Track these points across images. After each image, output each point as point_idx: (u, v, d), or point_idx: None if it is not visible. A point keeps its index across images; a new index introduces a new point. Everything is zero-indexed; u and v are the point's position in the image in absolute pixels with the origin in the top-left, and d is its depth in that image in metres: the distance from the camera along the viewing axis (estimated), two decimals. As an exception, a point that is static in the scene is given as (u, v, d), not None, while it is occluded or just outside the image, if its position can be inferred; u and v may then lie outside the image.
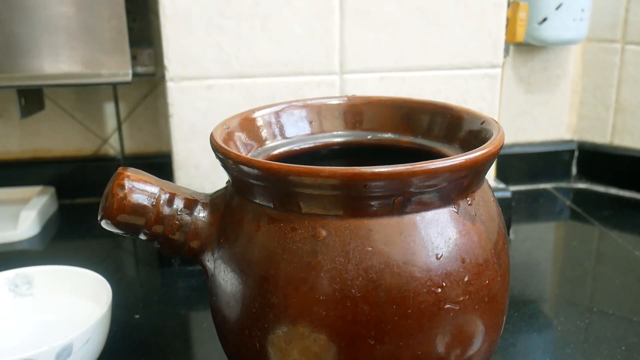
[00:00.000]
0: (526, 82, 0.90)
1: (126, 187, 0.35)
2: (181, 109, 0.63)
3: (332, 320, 0.31)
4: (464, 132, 0.42)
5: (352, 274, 0.31)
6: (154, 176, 0.37)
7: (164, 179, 0.38)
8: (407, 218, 0.32)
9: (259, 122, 0.44)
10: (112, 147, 0.90)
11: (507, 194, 0.74)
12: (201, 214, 0.37)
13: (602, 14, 0.87)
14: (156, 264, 0.69)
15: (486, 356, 0.36)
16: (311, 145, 0.46)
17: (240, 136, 0.42)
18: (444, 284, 0.32)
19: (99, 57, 0.65)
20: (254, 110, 0.44)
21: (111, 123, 0.89)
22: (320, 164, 0.40)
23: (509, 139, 0.92)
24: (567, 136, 0.94)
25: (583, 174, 0.94)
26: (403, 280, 0.31)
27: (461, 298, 0.32)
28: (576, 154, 0.94)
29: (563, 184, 0.94)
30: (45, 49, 0.64)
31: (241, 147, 0.42)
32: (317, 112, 0.47)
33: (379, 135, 0.47)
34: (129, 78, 0.66)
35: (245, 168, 0.33)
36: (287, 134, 0.46)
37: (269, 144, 0.44)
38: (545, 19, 0.80)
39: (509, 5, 0.74)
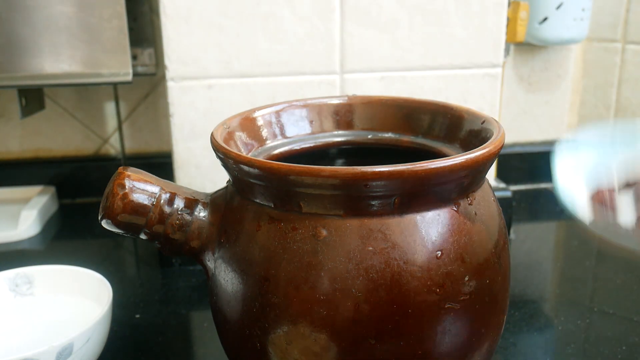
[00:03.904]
0: (527, 81, 0.90)
1: (127, 187, 0.35)
2: (182, 108, 0.63)
3: (332, 320, 0.31)
4: (465, 132, 0.42)
5: (352, 273, 0.31)
6: (154, 176, 0.37)
7: (164, 178, 0.38)
8: (408, 218, 0.32)
9: (260, 122, 0.44)
10: (113, 147, 0.90)
11: (508, 194, 0.74)
12: (202, 213, 0.37)
13: (603, 13, 0.87)
14: (157, 264, 0.69)
15: (487, 356, 0.36)
16: (312, 144, 0.46)
17: (240, 136, 0.42)
18: (445, 284, 0.32)
19: (99, 57, 0.65)
20: (254, 110, 0.44)
21: (112, 123, 0.89)
22: (320, 164, 0.40)
23: (509, 138, 0.92)
24: (567, 136, 0.94)
25: (584, 174, 0.94)
26: (404, 280, 0.31)
27: (462, 298, 0.32)
28: (577, 153, 0.94)
29: (564, 184, 0.93)
30: (45, 48, 0.64)
31: (242, 146, 0.42)
32: (318, 111, 0.47)
33: (380, 134, 0.47)
34: (129, 78, 0.66)
35: (246, 168, 0.33)
36: (288, 134, 0.46)
37: (270, 143, 0.44)
38: (545, 19, 0.80)
39: (509, 4, 0.74)
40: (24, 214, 0.76)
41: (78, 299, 0.53)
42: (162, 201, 0.36)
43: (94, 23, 0.64)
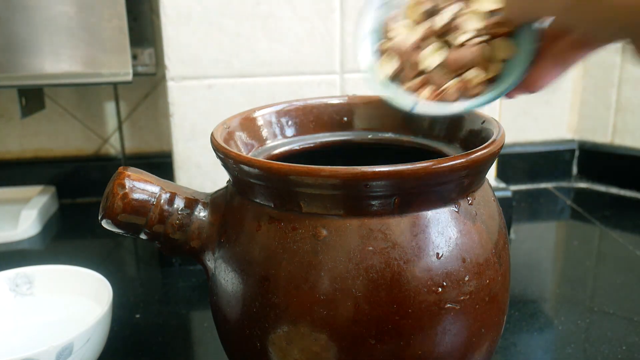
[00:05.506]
0: (527, 81, 0.89)
1: (127, 187, 0.35)
2: (182, 108, 0.63)
3: (332, 320, 0.31)
4: (465, 132, 0.42)
5: (352, 273, 0.31)
6: (154, 176, 0.37)
7: (164, 178, 0.38)
8: (408, 217, 0.32)
9: (260, 122, 0.44)
10: (113, 147, 0.90)
11: (508, 194, 0.74)
12: (202, 213, 0.37)
13: (603, 13, 0.87)
14: (157, 264, 0.69)
15: (487, 356, 0.36)
16: (312, 144, 0.46)
17: (240, 135, 0.42)
18: (445, 284, 0.32)
19: (99, 57, 0.65)
20: (254, 110, 0.44)
21: (112, 122, 0.89)
22: (320, 164, 0.40)
23: (509, 138, 0.92)
24: (567, 136, 0.94)
25: (584, 174, 0.94)
26: (404, 280, 0.31)
27: (462, 298, 0.32)
28: (577, 153, 0.94)
29: (564, 184, 0.94)
30: (46, 48, 0.64)
31: (242, 146, 0.42)
32: (318, 111, 0.47)
33: (380, 134, 0.47)
34: (129, 77, 0.66)
35: (246, 167, 0.33)
36: (288, 134, 0.46)
37: (270, 143, 0.44)
38: (545, 19, 0.80)
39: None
40: (24, 214, 0.76)
41: (78, 299, 0.53)
42: (162, 201, 0.36)
43: (94, 23, 0.64)
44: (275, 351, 0.34)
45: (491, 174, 0.77)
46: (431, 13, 0.35)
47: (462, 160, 0.32)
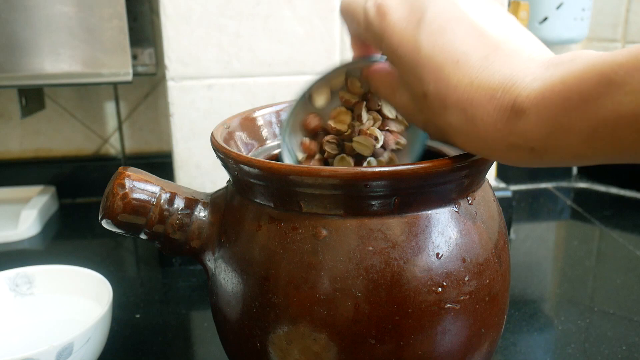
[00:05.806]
0: (527, 81, 0.89)
1: (127, 187, 0.35)
2: (182, 108, 0.63)
3: (332, 320, 0.31)
4: (465, 132, 0.42)
5: (352, 273, 0.31)
6: (154, 175, 0.37)
7: (164, 178, 0.38)
8: (408, 217, 0.32)
9: (260, 122, 0.44)
10: (113, 147, 0.90)
11: (508, 194, 0.74)
12: (202, 213, 0.37)
13: (603, 13, 0.87)
14: (157, 264, 0.69)
15: (487, 356, 0.36)
16: (312, 144, 0.46)
17: (240, 136, 0.42)
18: (445, 284, 0.32)
19: (99, 57, 0.65)
20: (254, 110, 0.44)
21: (112, 122, 0.89)
22: (320, 164, 0.39)
23: (509, 138, 0.92)
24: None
25: (584, 174, 0.94)
26: (404, 280, 0.31)
27: (462, 298, 0.32)
28: (577, 153, 0.94)
29: (564, 184, 0.94)
30: (46, 48, 0.64)
31: (242, 146, 0.42)
32: (318, 111, 0.47)
33: (380, 134, 0.46)
34: (129, 77, 0.66)
35: (246, 168, 0.33)
36: (288, 134, 0.45)
37: (270, 143, 0.44)
38: (545, 19, 0.80)
39: (509, 4, 0.74)
40: (24, 214, 0.76)
41: (78, 299, 0.53)
42: (162, 201, 0.36)
43: (94, 23, 0.64)
44: (275, 351, 0.34)
45: (491, 174, 0.77)
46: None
47: (462, 160, 0.32)
